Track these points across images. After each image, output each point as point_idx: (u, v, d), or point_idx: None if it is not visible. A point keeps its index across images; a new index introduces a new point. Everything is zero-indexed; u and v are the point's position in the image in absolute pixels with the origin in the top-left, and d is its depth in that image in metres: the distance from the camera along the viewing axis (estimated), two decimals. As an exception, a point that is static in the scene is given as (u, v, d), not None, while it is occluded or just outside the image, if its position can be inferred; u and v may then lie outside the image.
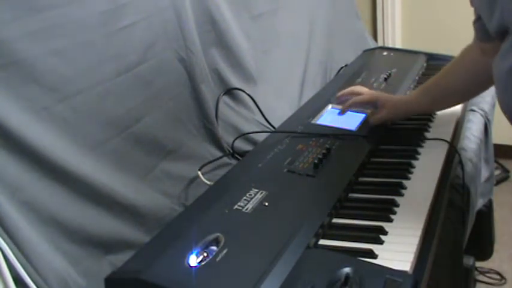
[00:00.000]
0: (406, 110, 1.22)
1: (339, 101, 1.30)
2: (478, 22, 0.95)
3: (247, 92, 1.38)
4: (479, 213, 1.43)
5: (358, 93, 1.27)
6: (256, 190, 0.89)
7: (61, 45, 0.89)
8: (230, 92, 1.36)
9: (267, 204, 0.86)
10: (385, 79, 1.50)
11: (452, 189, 1.07)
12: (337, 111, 1.28)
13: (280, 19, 1.62)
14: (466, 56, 1.12)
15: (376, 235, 0.83)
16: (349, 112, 1.27)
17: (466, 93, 1.20)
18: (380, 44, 2.56)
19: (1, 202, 0.74)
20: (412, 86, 1.51)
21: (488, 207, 1.56)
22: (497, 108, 0.91)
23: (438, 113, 1.30)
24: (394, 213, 0.90)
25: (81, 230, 0.87)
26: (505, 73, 0.78)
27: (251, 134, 1.28)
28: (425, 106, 1.21)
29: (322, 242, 0.83)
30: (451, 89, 1.16)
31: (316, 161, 1.00)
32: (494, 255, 1.70)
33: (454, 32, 2.52)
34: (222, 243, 0.75)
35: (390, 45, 2.59)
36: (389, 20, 2.64)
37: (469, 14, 0.97)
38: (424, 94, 1.19)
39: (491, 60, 0.83)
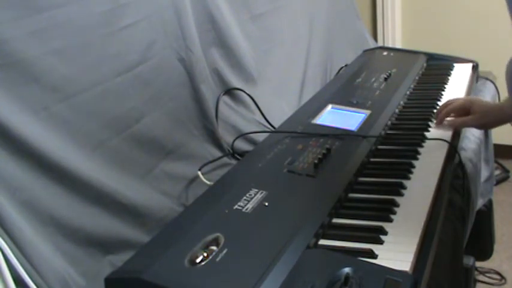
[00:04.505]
0: (496, 117, 1.19)
1: (440, 119, 1.25)
2: None
3: (247, 92, 1.38)
4: (479, 213, 1.43)
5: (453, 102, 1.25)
6: (256, 190, 0.89)
7: (61, 45, 0.89)
8: (230, 92, 1.36)
9: (267, 204, 0.86)
10: (385, 79, 1.50)
11: (452, 189, 1.07)
12: (337, 111, 1.28)
13: (280, 19, 1.62)
14: None
15: (376, 235, 0.83)
16: (349, 112, 1.27)
17: None
18: (380, 44, 2.56)
19: (1, 202, 0.74)
20: (412, 86, 1.52)
21: (488, 207, 1.56)
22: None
23: (438, 112, 1.30)
24: (394, 213, 0.90)
25: (81, 230, 0.87)
26: None
27: (251, 134, 1.28)
28: None
29: (322, 242, 0.83)
30: None
31: (316, 161, 1.00)
32: (494, 255, 1.71)
33: (454, 32, 2.53)
34: (222, 243, 0.75)
35: (390, 45, 2.59)
36: (389, 20, 2.64)
37: (469, 14, 0.96)
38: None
39: None
